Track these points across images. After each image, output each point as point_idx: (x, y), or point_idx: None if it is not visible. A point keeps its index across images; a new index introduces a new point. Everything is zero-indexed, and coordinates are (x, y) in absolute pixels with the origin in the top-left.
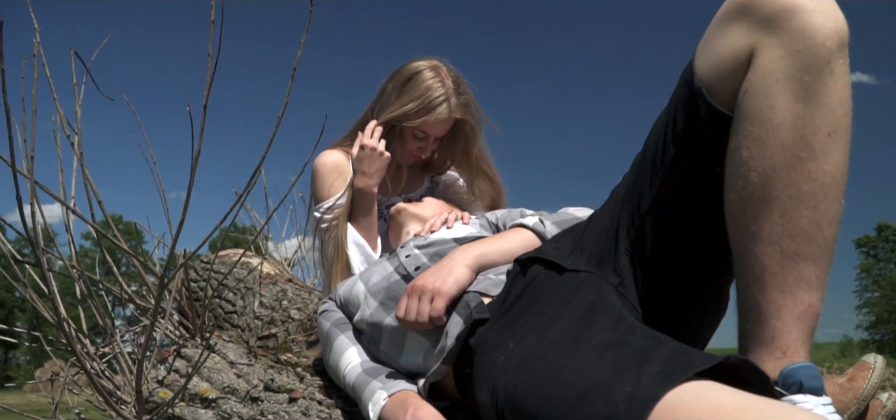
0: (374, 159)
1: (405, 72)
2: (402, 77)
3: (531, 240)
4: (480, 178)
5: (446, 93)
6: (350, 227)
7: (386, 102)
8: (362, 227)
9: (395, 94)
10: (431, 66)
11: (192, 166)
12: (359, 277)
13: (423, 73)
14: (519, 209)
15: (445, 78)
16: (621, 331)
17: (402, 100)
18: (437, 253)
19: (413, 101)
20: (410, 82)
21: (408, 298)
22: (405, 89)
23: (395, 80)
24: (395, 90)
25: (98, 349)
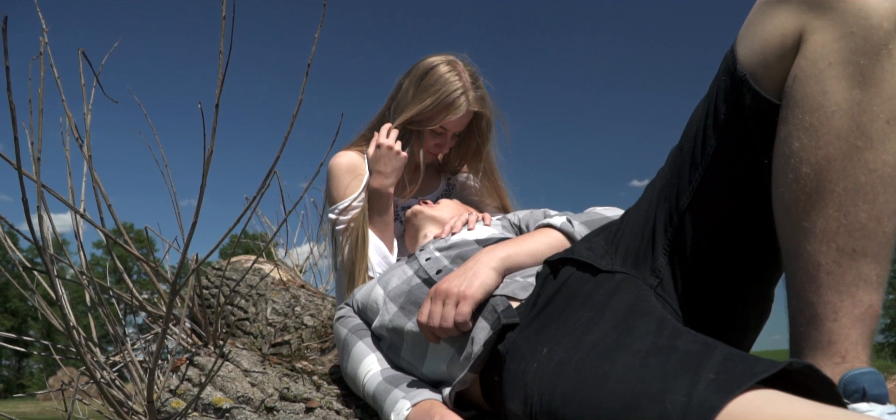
0: (391, 158)
1: (421, 68)
2: (419, 73)
3: (559, 240)
4: (487, 178)
5: (464, 86)
6: (368, 229)
7: (403, 100)
8: (378, 229)
9: (411, 91)
10: (448, 61)
11: (204, 167)
12: (377, 282)
13: (439, 68)
14: (541, 210)
15: (462, 72)
16: (665, 335)
17: (420, 96)
18: (459, 255)
19: (430, 96)
20: (427, 78)
21: (431, 303)
22: (422, 85)
23: (411, 76)
24: (411, 87)
25: (109, 358)
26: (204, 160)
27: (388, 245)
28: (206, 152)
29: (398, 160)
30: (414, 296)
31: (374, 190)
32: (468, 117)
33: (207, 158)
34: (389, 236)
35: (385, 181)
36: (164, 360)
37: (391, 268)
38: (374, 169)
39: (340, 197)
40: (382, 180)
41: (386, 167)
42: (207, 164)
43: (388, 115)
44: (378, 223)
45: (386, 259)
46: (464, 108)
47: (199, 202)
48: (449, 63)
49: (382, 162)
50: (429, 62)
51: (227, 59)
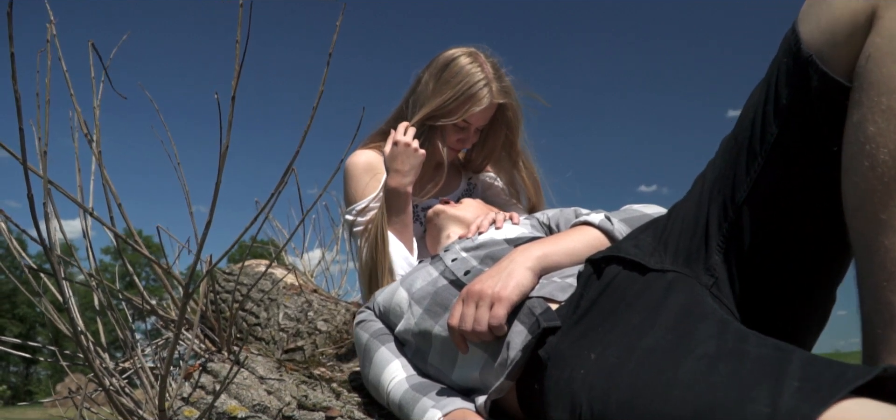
0: (409, 156)
1: (441, 60)
2: (439, 66)
3: (598, 239)
4: (521, 175)
5: (487, 78)
6: (387, 229)
7: (422, 94)
8: (396, 229)
9: (431, 85)
10: (468, 52)
11: (220, 162)
12: (400, 284)
13: (460, 59)
14: (571, 208)
15: (484, 63)
16: (730, 338)
17: (440, 90)
18: (488, 255)
19: (451, 89)
20: (448, 70)
21: (463, 305)
22: (443, 78)
23: (430, 69)
24: (431, 80)
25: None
26: (220, 154)
27: (407, 246)
28: (221, 146)
29: (416, 158)
30: (441, 298)
31: (391, 189)
32: (492, 110)
33: (223, 153)
34: (408, 237)
35: (403, 180)
36: (175, 367)
37: (415, 269)
38: (391, 167)
39: (358, 197)
40: (400, 179)
41: (403, 165)
42: (223, 158)
43: (406, 111)
44: (396, 224)
45: (407, 260)
46: (487, 99)
47: (214, 198)
48: (470, 54)
49: (400, 160)
50: (449, 54)
51: (245, 47)
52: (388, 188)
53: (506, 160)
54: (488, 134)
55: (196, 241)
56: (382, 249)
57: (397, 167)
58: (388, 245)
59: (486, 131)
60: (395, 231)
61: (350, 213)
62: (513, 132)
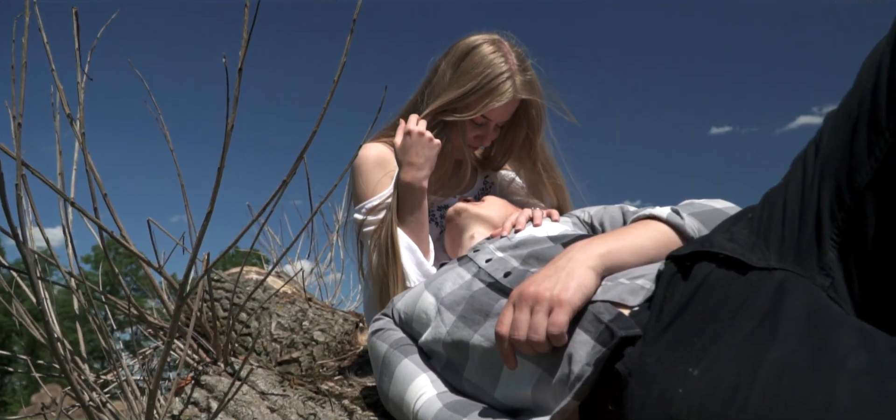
0: (423, 146)
1: (461, 48)
2: (458, 54)
3: (667, 235)
4: (543, 176)
5: (510, 69)
6: (399, 230)
7: (438, 84)
8: (411, 230)
9: (449, 74)
10: (492, 41)
11: (224, 140)
12: (425, 288)
13: (481, 48)
14: (617, 206)
15: (509, 53)
16: (884, 349)
17: (459, 80)
18: (532, 255)
19: (472, 80)
20: (468, 59)
21: (514, 310)
22: (462, 68)
23: (449, 57)
24: (449, 69)
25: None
26: (225, 131)
27: (423, 249)
28: (227, 124)
29: (431, 148)
30: (478, 303)
31: (405, 184)
32: (514, 105)
33: (228, 130)
34: (424, 239)
35: (418, 173)
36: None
37: (441, 271)
38: (404, 160)
39: (369, 194)
40: (415, 172)
41: (418, 157)
42: (228, 136)
43: (421, 102)
44: (411, 223)
45: (421, 266)
46: (510, 94)
47: (217, 182)
48: (493, 43)
49: (413, 151)
50: (470, 41)
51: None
52: (402, 183)
53: (526, 159)
54: (508, 131)
55: (191, 239)
56: (394, 253)
57: (411, 160)
58: (400, 248)
59: (506, 128)
60: (409, 232)
61: (359, 211)
62: (534, 131)
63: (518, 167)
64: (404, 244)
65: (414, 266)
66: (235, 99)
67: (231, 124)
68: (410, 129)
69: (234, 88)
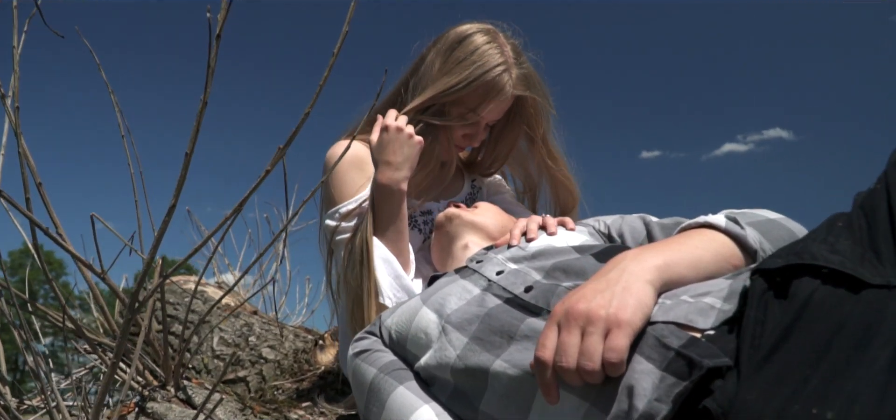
0: (402, 144)
1: (451, 36)
2: (448, 43)
3: (726, 246)
4: (550, 180)
5: (506, 62)
6: (375, 240)
7: (425, 76)
8: (389, 239)
9: (437, 65)
10: (485, 30)
11: (197, 118)
12: (423, 303)
13: (475, 37)
14: (636, 215)
15: (504, 44)
16: None
17: (449, 72)
18: (557, 267)
19: (463, 73)
20: (459, 49)
21: (561, 332)
22: (452, 58)
23: (438, 46)
24: (438, 59)
25: (22, 402)
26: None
27: (402, 261)
28: (202, 99)
29: (411, 146)
30: (498, 322)
31: (381, 186)
32: (508, 103)
33: (202, 108)
34: (404, 249)
35: (396, 174)
36: (109, 406)
37: (440, 285)
38: (381, 159)
39: (343, 197)
40: (393, 173)
41: (395, 155)
42: (201, 114)
43: (404, 95)
44: (389, 232)
45: (399, 280)
46: (507, 91)
47: (184, 167)
48: (487, 33)
49: (390, 149)
50: (462, 30)
51: None
52: (378, 185)
53: (527, 159)
54: (502, 131)
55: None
56: (367, 264)
57: (388, 158)
58: (375, 259)
59: (499, 128)
60: (386, 241)
61: (331, 217)
62: (533, 129)
63: (515, 169)
64: (380, 255)
65: (390, 279)
66: (211, 69)
67: (205, 100)
68: (387, 125)
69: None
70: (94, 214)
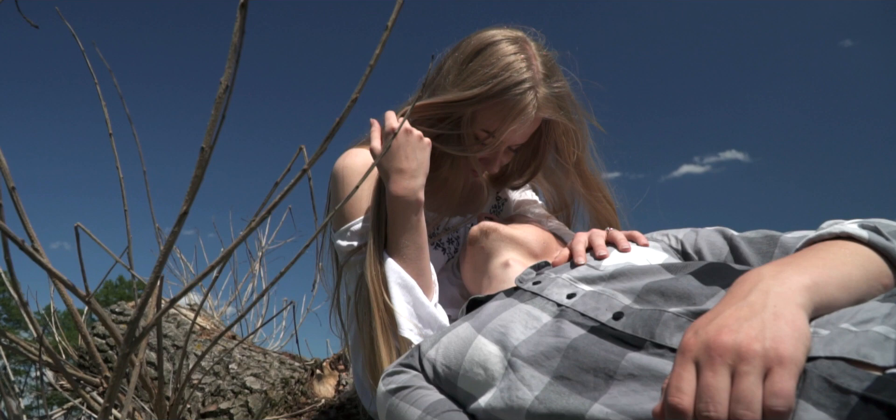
0: (414, 148)
1: (473, 42)
2: (469, 50)
3: (876, 264)
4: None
5: (532, 79)
6: (390, 261)
7: (440, 87)
8: (408, 259)
9: (454, 75)
10: (513, 38)
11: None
12: (477, 332)
13: (500, 46)
14: (712, 229)
15: (533, 56)
16: None
17: (461, 84)
18: (651, 290)
19: (479, 85)
20: (480, 58)
21: (702, 371)
22: (471, 68)
23: (457, 53)
24: (455, 68)
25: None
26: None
27: (423, 284)
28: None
29: (423, 149)
30: (588, 357)
31: (398, 198)
32: (533, 126)
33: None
34: (425, 269)
35: (412, 182)
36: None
37: (494, 310)
38: (393, 168)
39: (356, 213)
40: (408, 182)
41: (409, 161)
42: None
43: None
44: (407, 250)
45: (420, 308)
46: (530, 112)
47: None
48: (515, 41)
49: (402, 155)
50: (486, 36)
51: None
52: (393, 197)
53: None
54: (528, 154)
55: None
56: (381, 291)
57: (401, 165)
58: (390, 284)
59: (525, 150)
60: (406, 261)
61: (343, 236)
62: (564, 157)
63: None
64: (396, 278)
65: (408, 308)
66: (236, 47)
67: (226, 83)
68: (394, 128)
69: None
70: (80, 225)
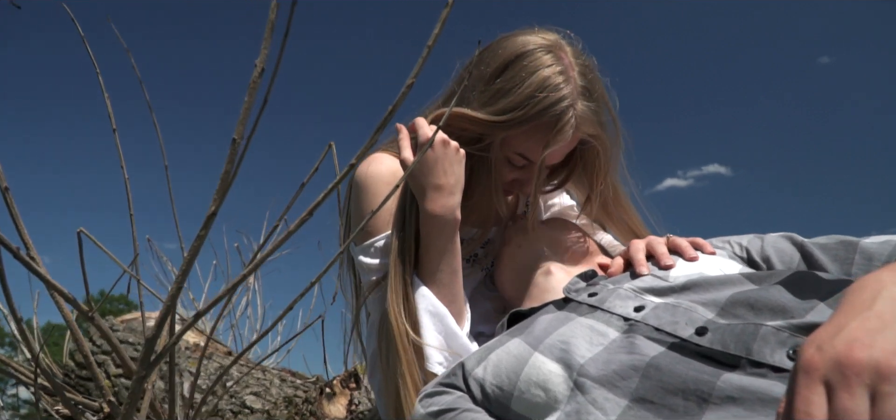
0: (452, 161)
1: (506, 50)
2: (500, 60)
3: None
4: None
5: (571, 94)
6: (423, 288)
7: (464, 100)
8: (442, 285)
9: (482, 87)
10: (548, 46)
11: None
12: (534, 349)
13: (536, 56)
14: (779, 234)
15: (570, 67)
16: None
17: (495, 98)
18: (736, 302)
19: (516, 111)
20: (513, 69)
21: (835, 392)
22: (502, 83)
23: (486, 61)
24: (483, 81)
25: None
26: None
27: (454, 311)
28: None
29: (460, 162)
30: (675, 377)
31: (435, 218)
32: (570, 146)
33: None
34: (457, 295)
35: (450, 200)
36: None
37: (549, 324)
38: (430, 183)
39: (379, 228)
40: (446, 200)
41: (448, 176)
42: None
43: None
44: (442, 274)
45: (452, 339)
46: (568, 133)
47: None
48: (550, 49)
49: (440, 169)
50: (519, 43)
51: None
52: (430, 216)
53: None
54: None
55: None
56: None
57: (439, 181)
58: (419, 313)
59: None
60: (439, 287)
61: (366, 252)
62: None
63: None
64: (426, 306)
65: (439, 338)
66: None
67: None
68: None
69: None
70: (83, 230)
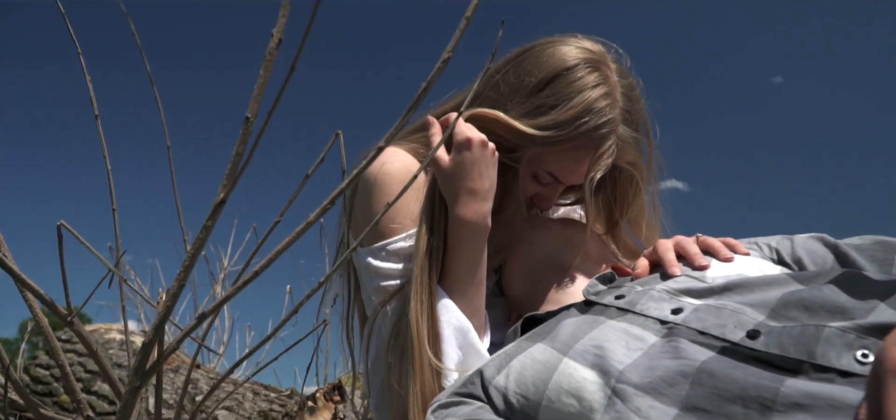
0: (488, 164)
1: (551, 59)
2: (545, 71)
3: None
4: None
5: (614, 120)
6: (447, 300)
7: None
8: (466, 297)
9: (522, 97)
10: (592, 62)
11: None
12: (563, 355)
13: (578, 76)
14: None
15: (615, 87)
16: None
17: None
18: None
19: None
20: (556, 84)
21: None
22: (542, 99)
23: (526, 68)
24: (524, 90)
25: None
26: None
27: (476, 323)
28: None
29: (494, 165)
30: (732, 383)
31: (468, 224)
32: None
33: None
34: (479, 307)
35: (484, 206)
36: None
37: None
38: (464, 187)
39: (394, 230)
40: (480, 206)
41: (483, 180)
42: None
43: None
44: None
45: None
46: (608, 161)
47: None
48: (596, 68)
49: (476, 172)
50: (560, 58)
51: None
52: (462, 222)
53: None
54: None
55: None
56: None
57: (473, 185)
58: (441, 326)
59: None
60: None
61: (378, 255)
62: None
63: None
64: (449, 319)
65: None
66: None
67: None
68: (470, 138)
69: None
70: (63, 223)
